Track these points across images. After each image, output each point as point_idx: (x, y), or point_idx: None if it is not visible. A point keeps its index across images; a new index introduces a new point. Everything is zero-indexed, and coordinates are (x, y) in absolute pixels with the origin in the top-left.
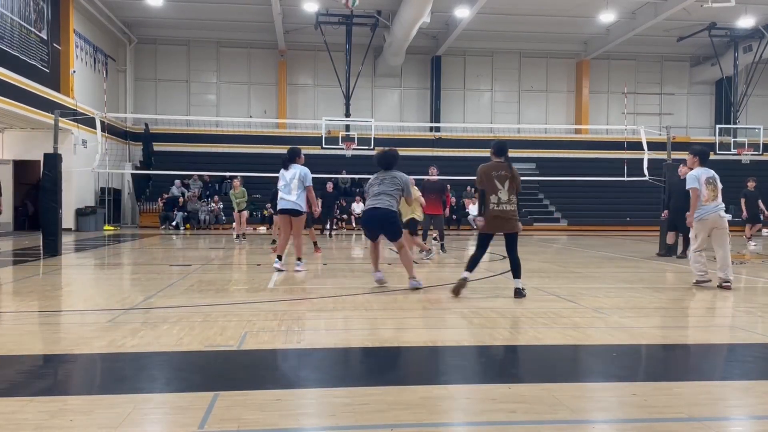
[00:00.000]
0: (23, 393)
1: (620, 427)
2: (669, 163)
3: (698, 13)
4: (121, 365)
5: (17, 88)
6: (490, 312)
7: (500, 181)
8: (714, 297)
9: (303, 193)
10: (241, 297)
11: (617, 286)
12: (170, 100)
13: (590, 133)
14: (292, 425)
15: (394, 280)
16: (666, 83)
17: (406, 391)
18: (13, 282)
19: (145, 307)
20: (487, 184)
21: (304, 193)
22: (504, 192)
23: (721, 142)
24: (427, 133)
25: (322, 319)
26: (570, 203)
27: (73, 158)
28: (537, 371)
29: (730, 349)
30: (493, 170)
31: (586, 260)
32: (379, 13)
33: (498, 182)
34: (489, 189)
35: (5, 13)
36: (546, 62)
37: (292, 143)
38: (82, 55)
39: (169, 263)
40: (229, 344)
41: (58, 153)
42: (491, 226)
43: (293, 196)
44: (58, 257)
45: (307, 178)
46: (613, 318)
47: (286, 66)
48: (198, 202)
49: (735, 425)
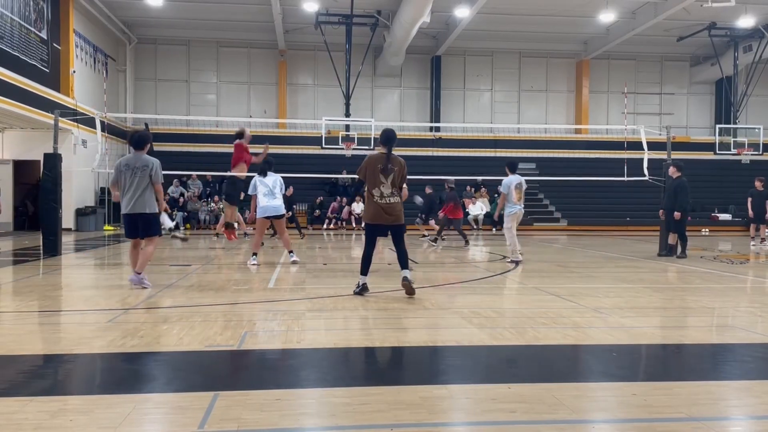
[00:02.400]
0: (23, 393)
1: (620, 427)
2: (669, 162)
3: (698, 13)
4: (121, 365)
5: (17, 88)
6: (490, 312)
7: (385, 175)
8: (714, 297)
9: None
10: (241, 297)
11: (617, 286)
12: (170, 100)
13: (590, 133)
14: (292, 425)
15: (393, 279)
16: (666, 83)
17: (406, 391)
18: (13, 282)
19: (145, 307)
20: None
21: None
22: (387, 185)
23: (721, 142)
24: (427, 133)
25: (322, 319)
26: (570, 203)
27: (73, 158)
28: (537, 371)
29: (730, 349)
30: (379, 162)
31: (586, 260)
32: (379, 13)
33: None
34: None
35: (5, 12)
36: (546, 62)
37: (292, 143)
38: (82, 55)
39: (169, 263)
40: (229, 344)
41: (58, 153)
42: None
43: (278, 201)
44: (58, 257)
45: (283, 186)
46: (613, 318)
47: (286, 66)
48: (198, 202)
49: (735, 425)
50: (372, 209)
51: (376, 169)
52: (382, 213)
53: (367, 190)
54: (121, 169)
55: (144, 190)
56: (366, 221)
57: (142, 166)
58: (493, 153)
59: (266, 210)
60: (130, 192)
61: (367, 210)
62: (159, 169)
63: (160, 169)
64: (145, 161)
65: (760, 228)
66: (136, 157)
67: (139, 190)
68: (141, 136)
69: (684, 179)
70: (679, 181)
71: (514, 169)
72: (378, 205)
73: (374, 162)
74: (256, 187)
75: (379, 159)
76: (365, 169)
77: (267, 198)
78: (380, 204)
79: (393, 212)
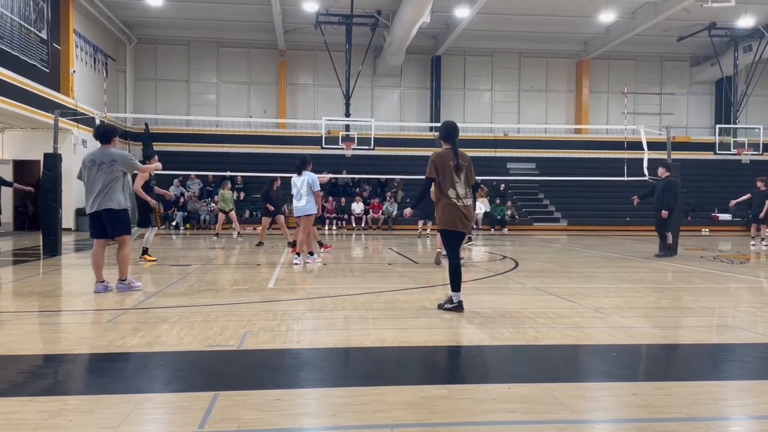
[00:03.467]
0: (23, 393)
1: (620, 427)
2: (669, 162)
3: (698, 13)
4: (121, 365)
5: (17, 88)
6: (490, 312)
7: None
8: (714, 297)
9: (312, 198)
10: (241, 297)
11: (617, 286)
12: (170, 100)
13: (590, 133)
14: (292, 425)
15: (394, 279)
16: (666, 83)
17: (406, 391)
18: (13, 282)
19: (145, 307)
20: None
21: (312, 198)
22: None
23: (721, 141)
24: (427, 133)
25: (322, 319)
26: (570, 203)
27: (73, 158)
28: (537, 371)
29: (730, 349)
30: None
31: (586, 260)
32: (379, 13)
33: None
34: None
35: (5, 13)
36: (546, 62)
37: (292, 143)
38: (82, 55)
39: (169, 263)
40: (229, 344)
41: (58, 153)
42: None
43: (302, 201)
44: (58, 257)
45: (314, 185)
46: (613, 318)
47: (286, 66)
48: (198, 202)
49: (735, 425)
50: (449, 213)
51: (448, 167)
52: (462, 217)
53: (440, 192)
54: (86, 165)
55: (111, 186)
56: (444, 227)
57: (110, 161)
58: (493, 153)
59: (295, 210)
60: (96, 189)
61: (443, 215)
62: (130, 159)
63: (131, 158)
64: (112, 155)
65: (761, 228)
66: (102, 152)
67: (106, 187)
68: (105, 129)
69: (673, 179)
70: (667, 180)
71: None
72: (457, 208)
73: (445, 159)
74: (292, 188)
75: (448, 155)
76: (436, 168)
77: (295, 198)
78: (459, 207)
79: (471, 216)
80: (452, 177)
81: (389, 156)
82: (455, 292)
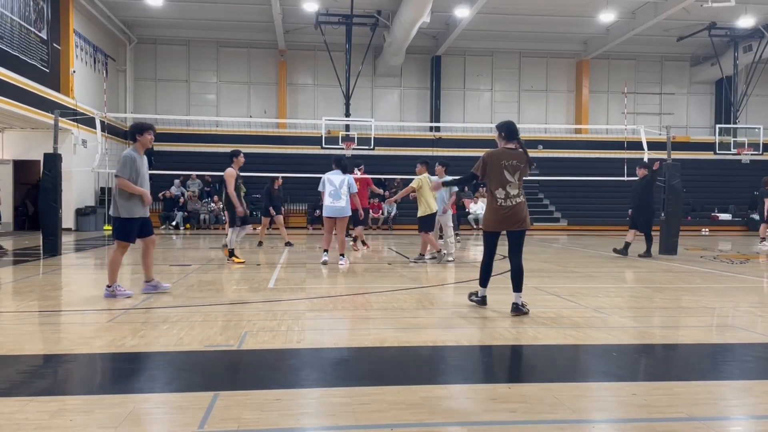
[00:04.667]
0: (23, 393)
1: (620, 427)
2: (669, 162)
3: (698, 13)
4: (121, 365)
5: (17, 88)
6: (490, 312)
7: (510, 172)
8: (714, 296)
9: (349, 199)
10: (241, 297)
11: (617, 286)
12: (170, 100)
13: (590, 133)
14: (292, 425)
15: (393, 279)
16: (666, 83)
17: (406, 391)
18: (13, 282)
19: (145, 307)
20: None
21: (349, 199)
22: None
23: (721, 141)
24: (427, 133)
25: (322, 319)
26: (570, 203)
27: (73, 158)
28: (537, 371)
29: (730, 349)
30: (504, 158)
31: (586, 260)
32: (379, 13)
33: (507, 173)
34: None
35: (5, 13)
36: (546, 62)
37: (293, 143)
38: (82, 55)
39: (169, 263)
40: (229, 344)
41: (58, 153)
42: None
43: (342, 202)
44: (58, 257)
45: (353, 186)
46: (613, 318)
47: (286, 66)
48: (198, 202)
49: (735, 425)
50: (495, 215)
51: (500, 166)
52: (508, 218)
53: (488, 192)
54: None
55: (114, 192)
56: (487, 229)
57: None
58: None
59: (330, 210)
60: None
61: (486, 216)
62: (120, 163)
63: (121, 162)
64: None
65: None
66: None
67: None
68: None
69: (648, 178)
70: (645, 181)
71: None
72: (503, 209)
73: (498, 158)
74: (325, 185)
75: (503, 154)
76: (484, 167)
77: (332, 198)
78: (505, 207)
79: (520, 216)
80: (502, 176)
81: (389, 156)
82: (482, 287)
